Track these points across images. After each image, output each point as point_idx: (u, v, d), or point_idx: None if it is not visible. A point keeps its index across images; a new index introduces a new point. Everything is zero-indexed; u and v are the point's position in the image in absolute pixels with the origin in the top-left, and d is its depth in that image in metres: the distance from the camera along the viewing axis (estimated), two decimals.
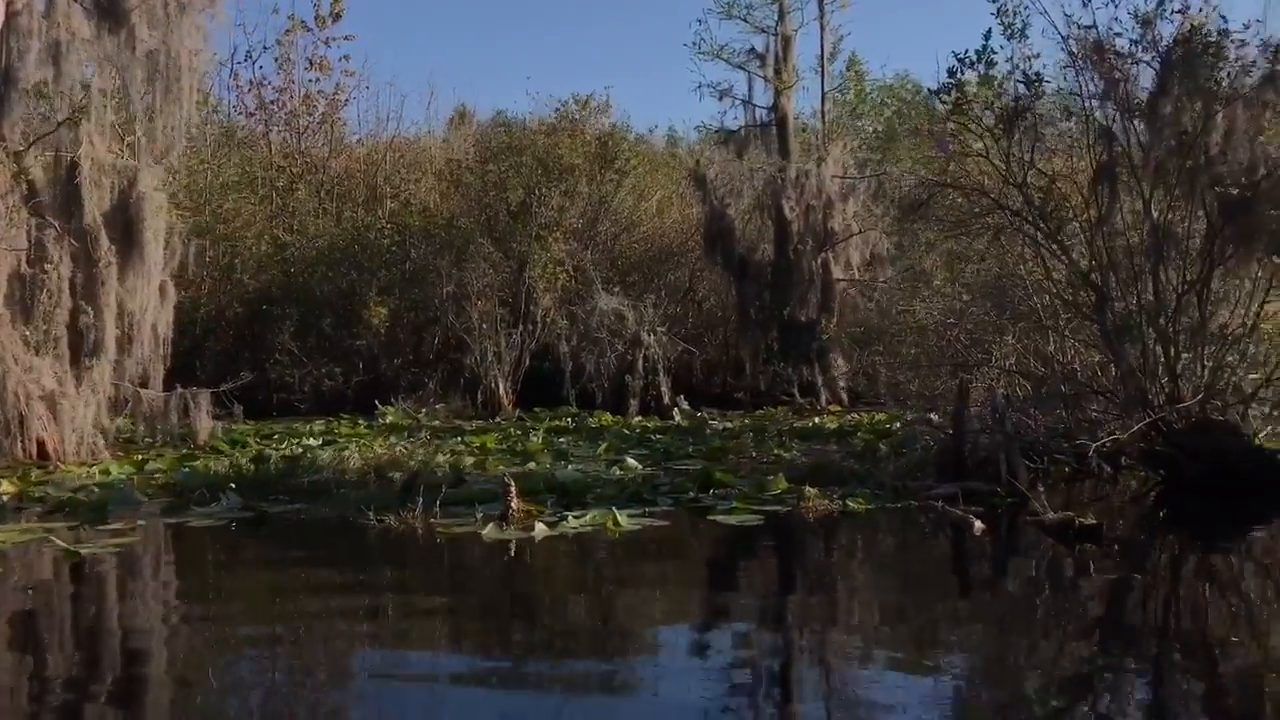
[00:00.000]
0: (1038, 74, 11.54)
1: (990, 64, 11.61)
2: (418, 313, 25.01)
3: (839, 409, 21.71)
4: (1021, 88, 11.61)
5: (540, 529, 9.26)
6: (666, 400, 21.78)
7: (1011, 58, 11.73)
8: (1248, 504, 10.72)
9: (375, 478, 11.82)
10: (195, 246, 17.44)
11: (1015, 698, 5.54)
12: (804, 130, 27.42)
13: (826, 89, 27.33)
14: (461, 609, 7.51)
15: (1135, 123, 12.24)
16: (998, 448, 11.03)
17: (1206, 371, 11.91)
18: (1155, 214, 12.07)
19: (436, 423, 19.77)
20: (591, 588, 8.17)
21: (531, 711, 5.28)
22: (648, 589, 8.10)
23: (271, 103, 29.57)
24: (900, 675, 5.90)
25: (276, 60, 30.10)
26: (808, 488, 10.80)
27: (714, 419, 19.72)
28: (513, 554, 8.81)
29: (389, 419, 20.24)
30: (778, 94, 25.01)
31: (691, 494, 11.14)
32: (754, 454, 14.20)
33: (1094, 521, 8.89)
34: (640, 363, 21.96)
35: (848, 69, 29.04)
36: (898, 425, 15.62)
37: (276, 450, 14.09)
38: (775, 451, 14.18)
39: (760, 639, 6.75)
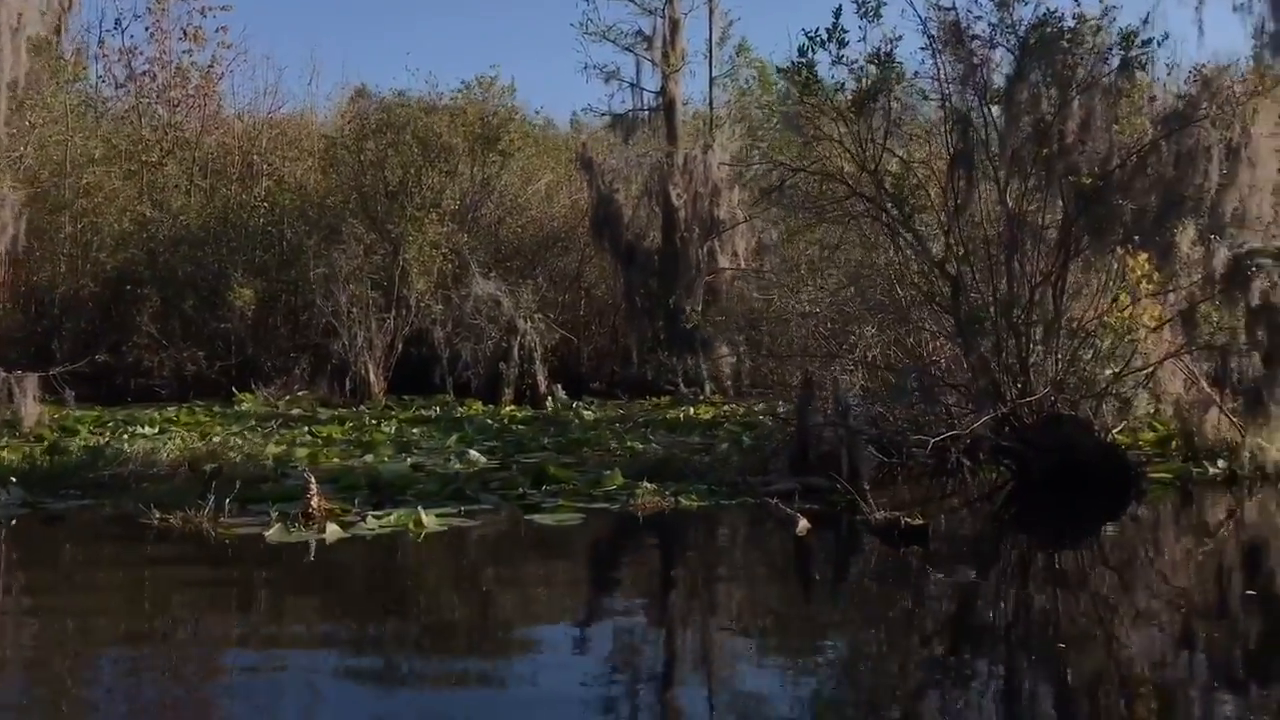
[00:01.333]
0: (890, 54, 11.10)
1: (842, 43, 11.13)
2: (295, 296, 23.97)
3: (720, 399, 21.27)
4: (873, 69, 11.15)
5: (333, 530, 8.53)
6: (542, 389, 21.08)
7: (865, 38, 11.28)
8: (1097, 500, 10.53)
9: (188, 470, 11.01)
10: (27, 220, 16.31)
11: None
12: (693, 116, 26.87)
13: (715, 74, 26.77)
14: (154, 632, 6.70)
15: (993, 109, 11.92)
16: (841, 442, 10.61)
17: (1059, 365, 11.65)
18: (1011, 204, 11.77)
19: (296, 410, 18.84)
20: (340, 602, 7.29)
21: None
22: (408, 607, 7.20)
23: (142, 74, 28.12)
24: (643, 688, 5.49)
25: (148, 29, 28.62)
26: (644, 483, 10.32)
27: (589, 409, 19.11)
28: (289, 559, 8.14)
29: (245, 406, 19.26)
30: (665, 78, 24.40)
31: (521, 490, 10.51)
32: (612, 446, 13.66)
33: (921, 522, 8.50)
34: (516, 350, 21.23)
35: (737, 54, 28.53)
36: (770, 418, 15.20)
37: (81, 440, 13.08)
38: (630, 444, 13.63)
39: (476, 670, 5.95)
